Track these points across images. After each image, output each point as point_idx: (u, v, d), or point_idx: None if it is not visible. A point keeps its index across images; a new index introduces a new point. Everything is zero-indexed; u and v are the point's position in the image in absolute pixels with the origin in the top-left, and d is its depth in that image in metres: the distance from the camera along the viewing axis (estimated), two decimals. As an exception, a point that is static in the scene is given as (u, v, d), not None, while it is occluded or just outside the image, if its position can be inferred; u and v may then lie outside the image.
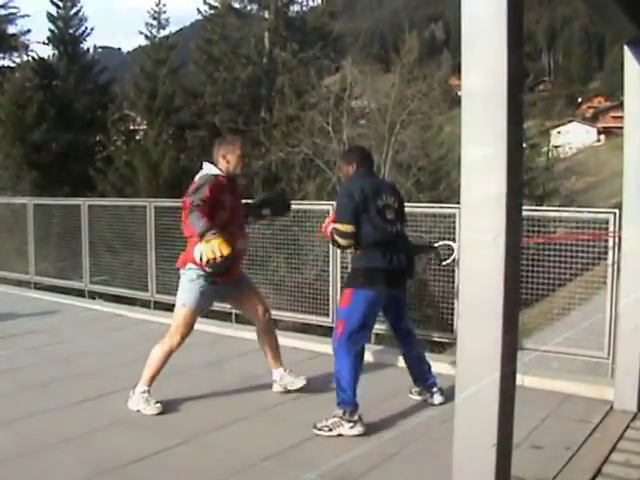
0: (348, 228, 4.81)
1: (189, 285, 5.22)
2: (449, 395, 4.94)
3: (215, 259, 4.79)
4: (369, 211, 4.87)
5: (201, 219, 4.80)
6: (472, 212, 2.63)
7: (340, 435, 4.68)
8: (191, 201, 4.88)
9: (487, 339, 2.60)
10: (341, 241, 4.90)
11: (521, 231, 2.82)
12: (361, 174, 5.11)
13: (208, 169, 5.24)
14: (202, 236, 4.80)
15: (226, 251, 4.77)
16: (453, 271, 6.51)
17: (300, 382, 5.60)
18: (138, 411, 5.18)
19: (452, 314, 6.67)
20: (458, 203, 2.75)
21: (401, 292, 5.26)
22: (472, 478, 2.74)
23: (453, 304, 6.69)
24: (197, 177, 5.23)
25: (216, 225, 4.86)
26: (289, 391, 5.59)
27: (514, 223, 2.55)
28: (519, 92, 2.61)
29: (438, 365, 5.87)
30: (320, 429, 4.74)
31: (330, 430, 4.72)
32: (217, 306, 9.00)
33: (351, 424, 4.71)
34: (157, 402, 5.24)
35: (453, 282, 6.68)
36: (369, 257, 4.91)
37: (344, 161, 5.28)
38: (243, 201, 5.63)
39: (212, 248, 4.76)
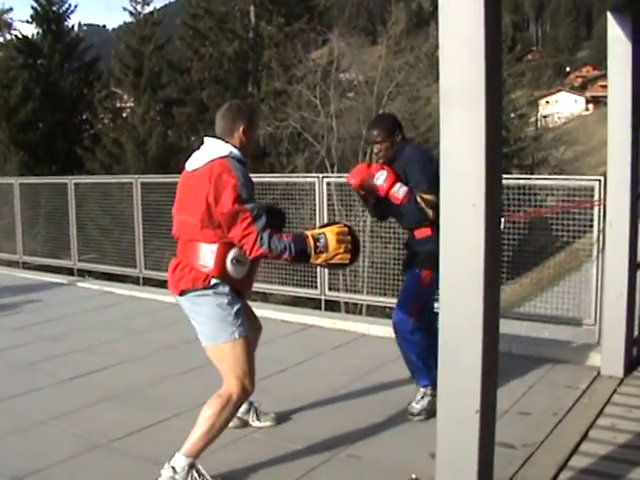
0: (434, 198, 3.88)
1: (225, 309, 3.63)
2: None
3: (355, 246, 3.75)
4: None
5: (281, 239, 3.54)
6: (451, 178, 2.64)
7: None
8: (251, 214, 3.50)
9: (468, 304, 2.62)
10: (430, 213, 4.28)
11: (501, 197, 2.83)
12: (412, 143, 4.58)
13: (225, 149, 3.64)
14: (301, 258, 3.65)
15: (347, 232, 3.75)
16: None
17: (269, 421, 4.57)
18: None
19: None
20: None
21: None
22: (456, 444, 2.76)
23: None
24: (210, 158, 3.60)
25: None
26: (274, 363, 5.59)
27: (493, 189, 2.56)
28: (496, 56, 2.60)
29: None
30: (419, 414, 4.47)
31: (433, 414, 4.40)
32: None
33: None
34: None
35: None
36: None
37: (384, 131, 4.51)
38: None
39: (340, 247, 3.66)
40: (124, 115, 31.95)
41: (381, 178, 4.43)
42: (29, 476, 3.83)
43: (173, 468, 3.58)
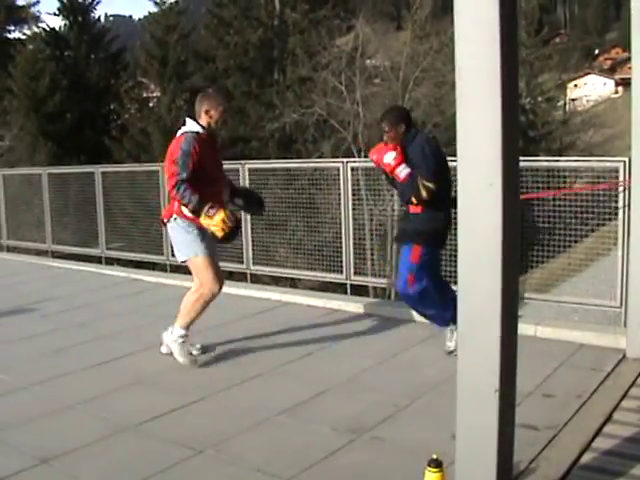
0: (435, 186, 4.91)
1: (187, 236, 5.19)
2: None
3: (229, 231, 4.98)
4: (447, 171, 5.11)
5: (192, 194, 4.89)
6: (468, 159, 2.63)
7: None
8: (177, 172, 4.94)
9: (486, 284, 2.61)
10: (424, 194, 4.93)
11: (518, 177, 2.81)
12: (424, 134, 5.44)
13: (191, 126, 5.19)
14: (196, 212, 4.94)
15: (233, 220, 5.00)
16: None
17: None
18: (167, 353, 5.47)
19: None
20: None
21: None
22: (475, 424, 2.77)
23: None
24: (179, 133, 5.21)
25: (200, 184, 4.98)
26: (300, 347, 5.66)
27: (510, 169, 2.55)
28: (512, 34, 2.59)
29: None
30: (455, 349, 4.40)
31: None
32: (233, 267, 9.11)
33: None
34: (191, 353, 5.43)
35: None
36: (434, 217, 5.11)
37: (389, 122, 5.19)
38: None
39: (221, 223, 4.92)
40: (150, 105, 32.15)
41: (389, 157, 5.11)
42: (57, 458, 3.89)
43: (172, 331, 5.36)
